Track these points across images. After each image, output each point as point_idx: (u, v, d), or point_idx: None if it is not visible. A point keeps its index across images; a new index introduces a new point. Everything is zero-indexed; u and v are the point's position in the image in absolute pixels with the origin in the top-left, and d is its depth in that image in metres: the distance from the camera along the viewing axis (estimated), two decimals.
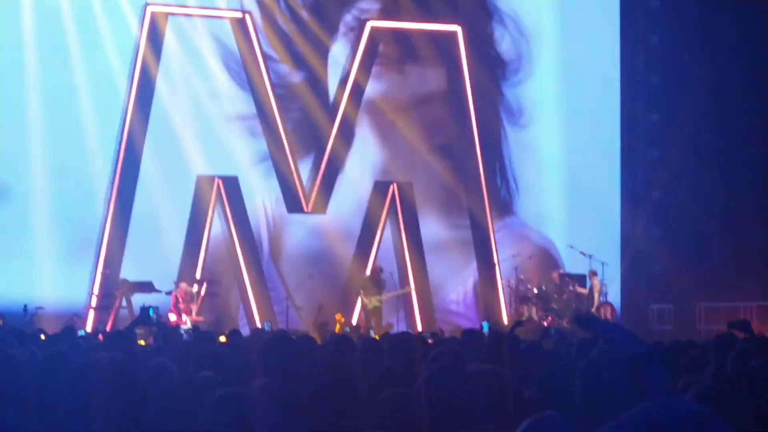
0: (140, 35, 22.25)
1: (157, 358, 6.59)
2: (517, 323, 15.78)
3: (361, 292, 21.90)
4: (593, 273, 22.95)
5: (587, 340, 8.78)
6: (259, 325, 20.80)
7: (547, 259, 24.37)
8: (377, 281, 22.07)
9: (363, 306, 21.83)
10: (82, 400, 5.42)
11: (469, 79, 24.08)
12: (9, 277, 21.00)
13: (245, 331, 18.58)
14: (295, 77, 23.70)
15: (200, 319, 20.56)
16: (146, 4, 22.31)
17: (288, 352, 6.14)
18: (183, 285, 20.85)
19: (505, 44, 24.98)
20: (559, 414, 3.60)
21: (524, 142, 24.85)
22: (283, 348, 6.08)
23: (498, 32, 24.92)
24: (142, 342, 14.50)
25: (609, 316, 22.56)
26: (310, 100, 23.66)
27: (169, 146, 22.50)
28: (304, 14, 23.69)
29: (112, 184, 21.98)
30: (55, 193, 21.75)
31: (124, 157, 22.04)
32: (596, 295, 22.74)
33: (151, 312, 16.79)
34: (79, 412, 5.32)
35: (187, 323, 19.93)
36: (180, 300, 20.49)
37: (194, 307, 20.76)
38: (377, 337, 13.79)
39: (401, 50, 24.31)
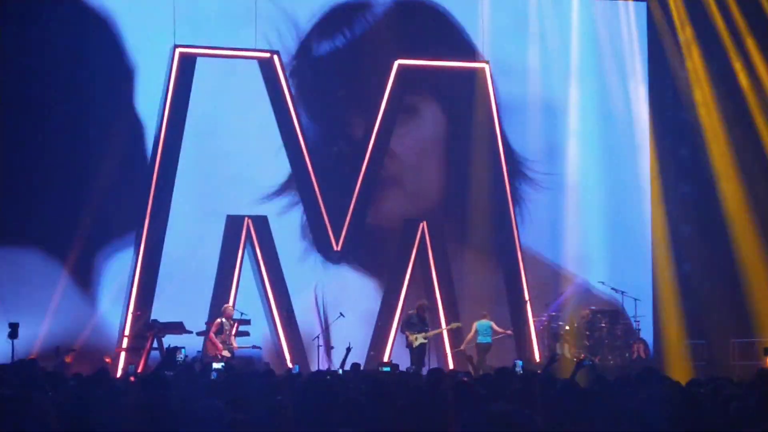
0: (169, 76, 22.38)
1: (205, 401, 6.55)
2: (551, 360, 15.68)
3: (406, 329, 21.77)
4: None
5: (625, 378, 8.70)
6: (290, 365, 20.78)
7: (579, 295, 24.25)
8: (422, 318, 21.96)
9: (408, 344, 21.69)
10: None
11: (498, 116, 24.08)
12: (41, 318, 21.06)
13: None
14: (323, 116, 23.78)
15: (237, 347, 20.79)
16: (175, 46, 22.44)
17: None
18: (229, 307, 21.01)
19: (532, 84, 24.99)
20: None
21: (552, 181, 24.80)
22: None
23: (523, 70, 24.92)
24: None
25: (642, 354, 22.41)
26: (339, 137, 23.77)
27: (198, 187, 22.60)
28: (330, 55, 23.82)
29: (143, 225, 22.03)
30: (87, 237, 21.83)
31: (154, 198, 22.12)
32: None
33: (183, 352, 16.75)
34: None
35: (226, 352, 20.19)
36: (224, 324, 20.66)
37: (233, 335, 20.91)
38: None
39: (428, 90, 24.40)
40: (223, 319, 20.75)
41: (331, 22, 23.91)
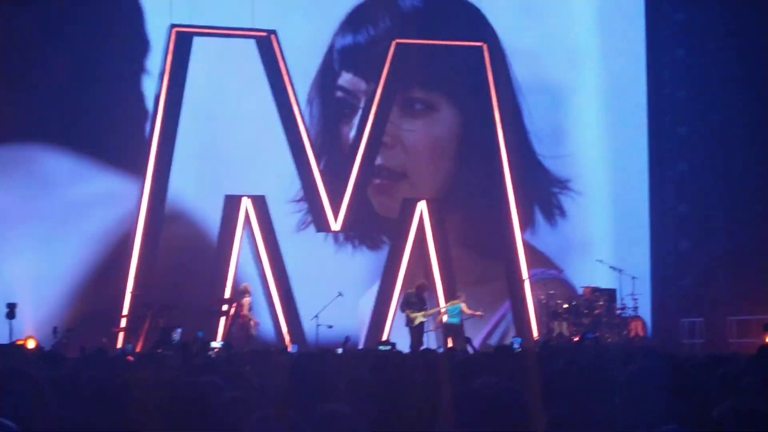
0: (167, 56, 22.32)
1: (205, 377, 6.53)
2: (547, 338, 15.71)
3: (406, 308, 21.78)
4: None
5: (626, 351, 8.69)
6: (288, 345, 20.83)
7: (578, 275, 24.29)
8: (421, 297, 22.00)
9: (408, 322, 21.70)
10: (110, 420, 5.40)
11: (496, 97, 24.05)
12: (39, 299, 21.05)
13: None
14: (322, 94, 23.74)
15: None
16: (172, 26, 22.38)
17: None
18: (246, 291, 21.29)
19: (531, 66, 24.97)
20: None
21: (555, 162, 24.81)
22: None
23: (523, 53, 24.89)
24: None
25: (640, 332, 22.44)
26: (337, 117, 23.73)
27: (196, 167, 22.57)
28: (330, 35, 23.78)
29: (141, 205, 22.00)
30: (84, 211, 21.81)
31: (153, 179, 22.08)
32: None
33: (178, 332, 16.76)
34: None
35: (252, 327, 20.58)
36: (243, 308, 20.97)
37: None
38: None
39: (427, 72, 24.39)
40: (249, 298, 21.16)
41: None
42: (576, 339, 21.37)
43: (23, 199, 21.76)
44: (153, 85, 22.58)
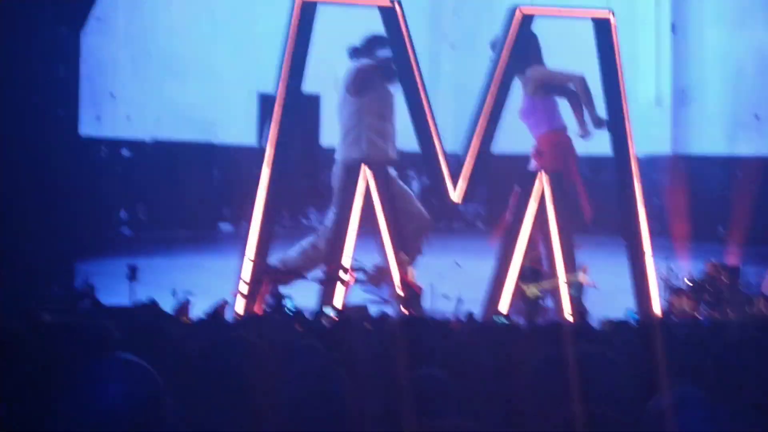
0: (291, 23, 22.30)
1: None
2: (667, 313, 15.41)
3: (520, 281, 21.68)
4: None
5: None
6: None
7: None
8: (536, 270, 21.85)
9: (522, 295, 21.60)
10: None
11: (621, 67, 23.57)
12: (161, 262, 21.37)
13: None
14: (447, 64, 23.61)
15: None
16: None
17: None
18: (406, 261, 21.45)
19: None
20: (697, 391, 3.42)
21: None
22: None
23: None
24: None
25: (764, 309, 21.90)
26: (459, 88, 23.56)
27: (318, 133, 22.65)
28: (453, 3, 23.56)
29: (262, 173, 22.10)
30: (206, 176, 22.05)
31: (275, 146, 22.14)
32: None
33: (289, 303, 16.81)
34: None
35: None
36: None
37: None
38: None
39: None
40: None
41: None
42: (697, 315, 21.01)
43: None
44: None
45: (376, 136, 23.69)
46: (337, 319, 12.82)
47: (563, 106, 24.26)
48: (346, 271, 21.35)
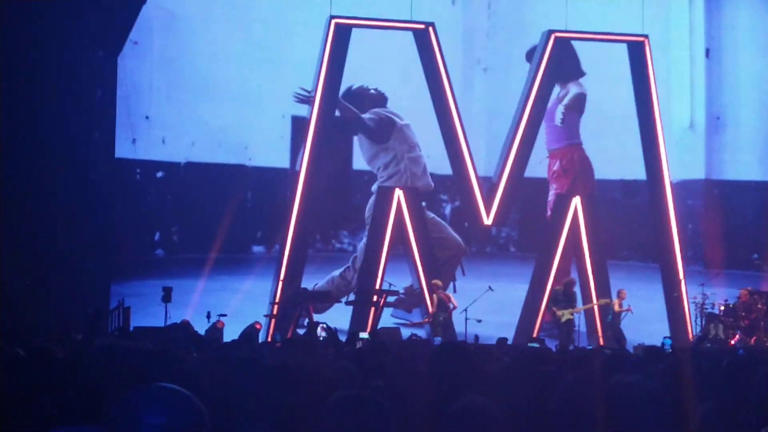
0: (325, 47, 22.40)
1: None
2: (700, 339, 15.31)
3: (553, 305, 21.70)
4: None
5: None
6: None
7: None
8: (569, 294, 21.84)
9: (556, 320, 21.61)
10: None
11: (656, 91, 23.55)
12: (194, 284, 21.45)
13: None
14: (480, 87, 23.63)
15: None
16: (331, 17, 22.48)
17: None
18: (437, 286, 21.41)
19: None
20: None
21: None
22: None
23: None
24: None
25: None
26: (492, 111, 23.57)
27: (351, 156, 22.71)
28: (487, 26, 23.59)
29: (295, 194, 22.18)
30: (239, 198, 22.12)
31: (307, 169, 22.20)
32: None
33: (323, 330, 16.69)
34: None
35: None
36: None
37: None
38: None
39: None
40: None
41: None
42: (732, 342, 20.89)
43: None
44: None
45: (413, 166, 23.80)
46: (371, 342, 12.82)
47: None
48: (379, 295, 21.38)
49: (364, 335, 16.08)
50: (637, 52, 23.44)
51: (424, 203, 23.59)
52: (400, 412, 4.05)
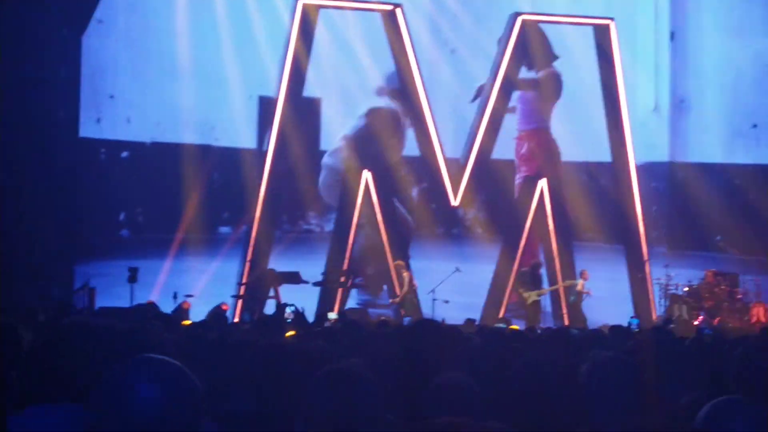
0: (292, 27, 22.32)
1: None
2: (666, 320, 15.42)
3: (519, 287, 21.81)
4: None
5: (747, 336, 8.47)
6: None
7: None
8: (536, 276, 21.96)
9: (523, 301, 21.74)
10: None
11: (622, 74, 23.64)
12: (159, 265, 21.38)
13: None
14: (448, 69, 23.62)
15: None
16: None
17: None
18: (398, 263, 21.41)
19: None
20: (743, 398, 3.47)
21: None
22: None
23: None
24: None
25: (762, 318, 21.97)
26: (459, 93, 23.57)
27: (318, 137, 22.67)
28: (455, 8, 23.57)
29: (262, 174, 22.12)
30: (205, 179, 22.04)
31: (275, 150, 22.15)
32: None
33: (290, 309, 16.76)
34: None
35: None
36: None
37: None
38: None
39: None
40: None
41: None
42: (695, 323, 21.08)
43: None
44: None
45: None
46: (342, 321, 12.86)
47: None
48: (346, 275, 21.39)
49: (333, 315, 16.12)
50: (602, 35, 23.53)
51: None
52: (382, 389, 4.06)
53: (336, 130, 24.95)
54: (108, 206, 27.43)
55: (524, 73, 23.92)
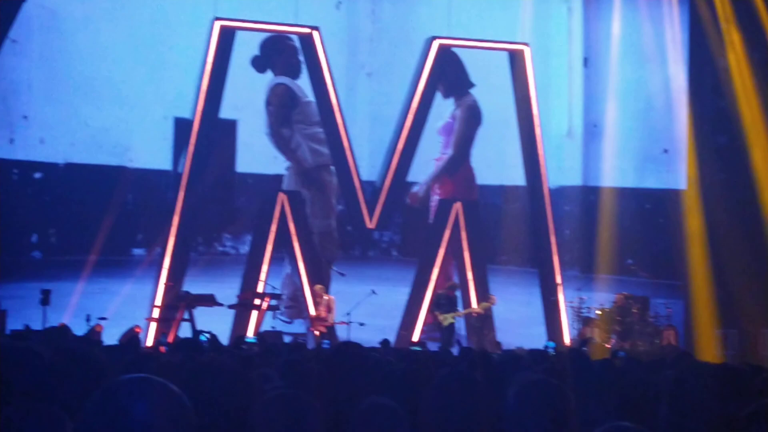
0: (208, 49, 22.29)
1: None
2: (582, 342, 15.60)
3: (435, 309, 21.91)
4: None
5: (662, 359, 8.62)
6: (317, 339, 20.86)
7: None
8: (451, 298, 22.07)
9: (438, 323, 21.83)
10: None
11: (536, 99, 23.93)
12: (72, 287, 21.14)
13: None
14: (364, 92, 23.73)
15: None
16: (215, 19, 22.39)
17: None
18: (318, 287, 21.35)
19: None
20: (633, 427, 3.53)
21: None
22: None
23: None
24: None
25: (673, 341, 22.31)
26: (376, 115, 23.69)
27: (234, 159, 22.62)
28: (371, 32, 23.70)
29: (177, 196, 22.02)
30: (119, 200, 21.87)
31: (190, 172, 22.07)
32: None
33: (202, 338, 16.66)
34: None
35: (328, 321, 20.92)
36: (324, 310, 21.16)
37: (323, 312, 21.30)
38: None
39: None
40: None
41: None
42: (608, 346, 21.34)
43: None
44: None
45: (314, 143, 23.95)
46: (261, 345, 12.82)
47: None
48: (261, 297, 21.32)
49: (250, 339, 16.06)
50: (517, 60, 23.83)
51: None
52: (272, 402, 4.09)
53: (252, 152, 24.90)
54: (20, 227, 27.07)
55: (440, 101, 24.08)
